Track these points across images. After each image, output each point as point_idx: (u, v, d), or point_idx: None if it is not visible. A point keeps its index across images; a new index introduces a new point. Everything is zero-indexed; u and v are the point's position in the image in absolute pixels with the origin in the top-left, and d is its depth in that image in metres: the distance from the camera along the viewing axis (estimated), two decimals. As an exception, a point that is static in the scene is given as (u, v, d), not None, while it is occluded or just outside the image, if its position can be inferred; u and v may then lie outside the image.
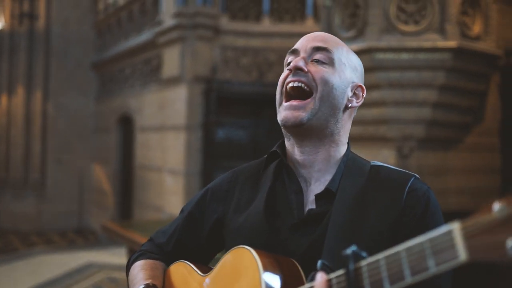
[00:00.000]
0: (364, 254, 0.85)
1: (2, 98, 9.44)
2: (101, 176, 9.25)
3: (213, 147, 6.23)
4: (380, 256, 0.82)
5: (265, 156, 1.30)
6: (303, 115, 1.13)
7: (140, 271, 1.26)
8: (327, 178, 1.18)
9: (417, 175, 1.17)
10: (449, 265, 0.72)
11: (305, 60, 1.17)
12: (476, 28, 4.31)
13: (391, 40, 4.16)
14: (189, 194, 6.11)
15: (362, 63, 1.27)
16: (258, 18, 6.48)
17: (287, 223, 1.15)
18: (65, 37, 9.37)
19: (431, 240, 0.75)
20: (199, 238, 1.31)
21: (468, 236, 0.70)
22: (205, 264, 1.32)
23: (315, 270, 0.94)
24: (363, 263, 0.84)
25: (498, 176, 4.81)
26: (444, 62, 4.14)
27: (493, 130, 4.81)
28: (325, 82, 1.14)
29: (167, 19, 6.52)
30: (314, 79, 1.15)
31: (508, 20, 4.76)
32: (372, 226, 1.09)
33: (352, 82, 1.20)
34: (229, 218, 1.25)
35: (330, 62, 1.16)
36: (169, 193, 6.59)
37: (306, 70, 1.15)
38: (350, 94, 1.19)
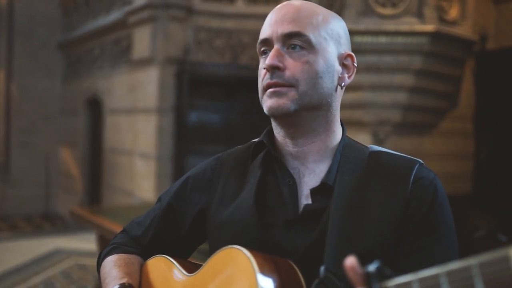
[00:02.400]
0: (388, 271, 0.70)
1: (-37, 78, 9.04)
2: (69, 160, 8.99)
3: (185, 130, 6.09)
4: (412, 277, 0.66)
5: (252, 142, 1.18)
6: (288, 103, 1.01)
7: (113, 267, 1.12)
8: (322, 169, 1.06)
9: (421, 161, 1.05)
10: None
11: (280, 53, 1.02)
12: (453, 12, 4.29)
13: (369, 23, 4.10)
14: (160, 178, 5.98)
15: None
16: (232, -2, 6.32)
17: (280, 218, 1.03)
18: (29, 16, 8.98)
19: (482, 265, 0.60)
20: (179, 231, 1.18)
21: None
22: (185, 258, 1.21)
23: (315, 273, 0.84)
24: (390, 284, 0.68)
25: (471, 162, 4.85)
26: (421, 46, 4.11)
27: (467, 116, 4.83)
28: (308, 77, 1.01)
29: (138, -2, 6.30)
30: (294, 76, 1.01)
31: (483, 5, 4.75)
32: (376, 222, 0.98)
33: (339, 54, 1.06)
34: (213, 211, 1.13)
35: (309, 46, 1.02)
36: (140, 177, 6.44)
37: (283, 66, 1.01)
38: (339, 69, 1.06)
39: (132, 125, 6.73)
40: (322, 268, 0.81)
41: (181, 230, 1.19)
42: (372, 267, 0.70)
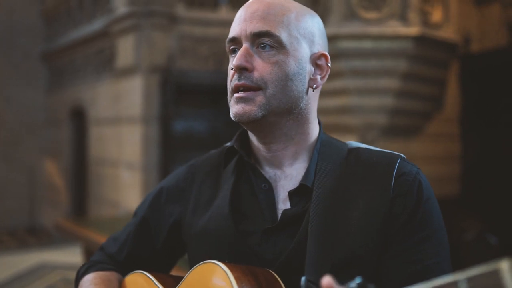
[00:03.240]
0: (371, 286, 0.66)
1: None
2: (53, 172, 8.85)
3: (171, 139, 6.02)
4: None
5: (224, 146, 1.13)
6: (254, 109, 0.96)
7: (90, 286, 1.08)
8: (300, 171, 1.01)
9: (402, 155, 1.01)
10: None
11: (249, 52, 0.97)
12: (437, 15, 4.30)
13: (353, 27, 4.10)
14: (147, 188, 5.90)
15: None
16: (215, 6, 6.29)
17: (258, 226, 0.99)
18: (10, 26, 8.86)
19: (469, 279, 0.56)
20: (155, 245, 1.14)
21: None
22: (166, 271, 1.16)
23: (297, 282, 0.79)
24: None
25: (459, 164, 4.86)
26: (406, 49, 4.11)
27: (453, 118, 4.84)
28: (277, 79, 0.96)
29: (120, 7, 6.23)
30: (262, 78, 0.96)
31: (466, 8, 4.78)
32: (358, 226, 0.92)
33: (312, 54, 1.01)
34: (187, 221, 1.09)
35: (279, 46, 0.96)
36: (126, 187, 6.35)
37: (252, 67, 0.96)
38: (312, 70, 1.01)
39: (117, 135, 6.64)
40: (303, 279, 0.77)
41: (157, 244, 1.14)
42: (353, 284, 0.66)
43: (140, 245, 1.15)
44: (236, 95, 0.98)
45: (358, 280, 0.67)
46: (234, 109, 0.99)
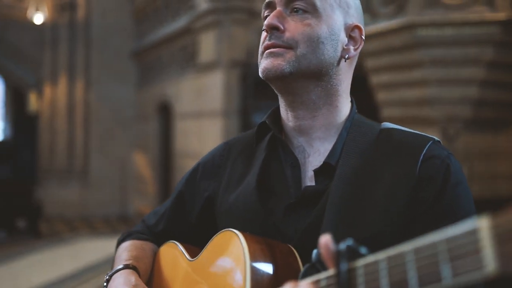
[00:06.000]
0: (363, 250, 0.65)
1: (46, 88, 9.66)
2: (142, 164, 9.34)
3: (250, 132, 6.11)
4: (381, 256, 0.61)
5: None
6: (283, 64, 0.94)
7: (124, 251, 1.15)
8: (327, 148, 0.99)
9: (436, 138, 0.96)
10: (471, 277, 0.51)
11: (281, 14, 0.97)
12: (528, -2, 3.99)
13: (434, 15, 3.90)
14: (226, 181, 6.03)
15: (402, 40, 1.05)
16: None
17: (283, 202, 0.98)
18: (104, 27, 9.47)
19: (448, 240, 0.54)
20: (189, 219, 1.18)
21: (501, 239, 0.49)
22: (202, 245, 1.21)
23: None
24: (360, 263, 0.64)
25: (553, 159, 4.48)
26: (492, 36, 3.84)
27: (548, 109, 4.46)
28: (308, 39, 0.95)
29: (202, 3, 6.43)
30: (293, 38, 0.95)
31: None
32: (379, 206, 0.89)
33: (345, 24, 0.99)
34: (220, 197, 1.11)
35: (313, 10, 0.96)
36: (206, 179, 6.54)
37: (283, 28, 0.96)
38: (345, 40, 0.99)
39: (199, 128, 6.86)
40: (314, 252, 0.76)
41: (192, 218, 1.18)
42: (342, 246, 0.65)
43: (176, 219, 1.20)
44: (266, 51, 0.98)
45: (349, 242, 0.66)
46: (263, 64, 0.98)
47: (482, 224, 0.51)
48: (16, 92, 11.17)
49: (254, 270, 0.83)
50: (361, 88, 4.60)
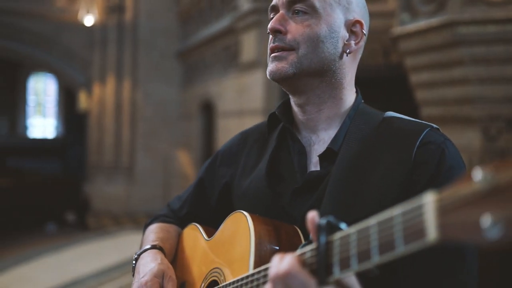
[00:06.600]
0: (343, 225, 0.73)
1: (95, 87, 10.03)
2: (185, 162, 9.55)
3: (290, 131, 6.16)
4: (353, 229, 0.69)
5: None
6: (286, 66, 1.02)
7: (151, 233, 1.26)
8: (331, 135, 1.06)
9: (435, 125, 0.99)
10: (417, 246, 0.59)
11: (284, 17, 1.04)
12: None
13: (475, 12, 3.85)
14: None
15: (443, 38, 1.09)
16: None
17: (290, 187, 1.06)
18: (150, 28, 9.74)
19: (404, 213, 0.61)
20: (210, 204, 1.28)
21: (442, 212, 0.56)
22: None
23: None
24: (337, 236, 0.71)
25: None
26: (537, 33, 3.75)
27: None
28: (308, 40, 1.01)
29: (244, 3, 6.54)
30: (295, 39, 1.02)
31: None
32: (376, 188, 0.94)
33: (346, 20, 1.05)
34: (236, 182, 1.20)
35: (313, 11, 1.02)
36: (247, 177, 6.64)
37: (285, 30, 1.03)
38: (346, 36, 1.05)
39: (240, 127, 6.90)
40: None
41: (212, 203, 1.27)
42: (323, 221, 0.73)
43: (198, 203, 1.30)
44: (272, 55, 1.06)
45: (330, 218, 0.73)
46: (269, 68, 1.06)
47: (428, 199, 0.59)
48: (67, 92, 11.65)
49: (258, 247, 0.92)
50: (400, 87, 4.57)
